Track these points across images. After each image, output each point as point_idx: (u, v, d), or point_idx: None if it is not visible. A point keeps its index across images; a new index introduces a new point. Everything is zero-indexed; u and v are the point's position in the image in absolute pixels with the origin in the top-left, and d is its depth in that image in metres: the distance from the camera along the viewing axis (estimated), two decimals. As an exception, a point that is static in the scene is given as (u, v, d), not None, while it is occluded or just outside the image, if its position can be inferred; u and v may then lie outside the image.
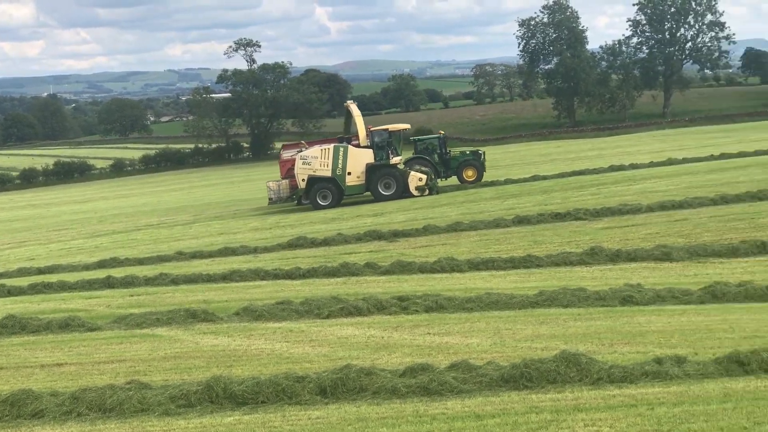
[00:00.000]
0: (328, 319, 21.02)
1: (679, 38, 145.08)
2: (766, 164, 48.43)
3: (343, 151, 53.84)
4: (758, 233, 29.00)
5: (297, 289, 26.23)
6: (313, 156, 54.00)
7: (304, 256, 33.76)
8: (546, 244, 31.41)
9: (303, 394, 13.67)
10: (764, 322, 17.25)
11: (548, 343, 16.49)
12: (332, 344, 18.11)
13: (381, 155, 54.11)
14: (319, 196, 53.92)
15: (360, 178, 53.87)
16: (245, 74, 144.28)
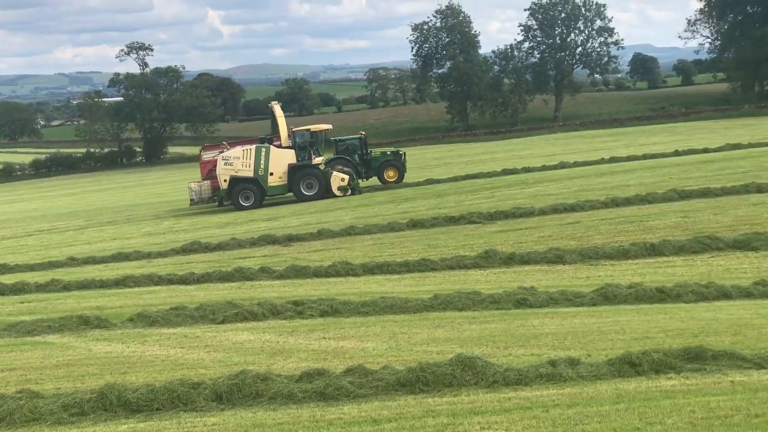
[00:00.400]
0: (223, 324, 20.89)
1: (569, 43, 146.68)
2: (655, 167, 49.20)
3: (265, 151, 53.81)
4: (648, 235, 29.47)
5: (191, 295, 26.03)
6: (235, 156, 53.88)
7: (199, 260, 33.52)
8: (440, 247, 31.57)
9: (198, 401, 13.56)
10: (654, 324, 17.52)
11: (444, 346, 16.56)
12: (227, 350, 17.99)
13: (303, 156, 54.18)
14: (242, 197, 53.79)
15: (282, 179, 53.89)
16: (138, 78, 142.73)
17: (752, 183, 37.17)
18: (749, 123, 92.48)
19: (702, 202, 35.01)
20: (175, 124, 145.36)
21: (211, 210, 54.96)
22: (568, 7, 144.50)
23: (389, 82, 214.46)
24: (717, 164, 47.24)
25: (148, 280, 29.13)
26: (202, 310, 22.05)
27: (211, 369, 16.13)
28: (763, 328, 16.23)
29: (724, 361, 13.14)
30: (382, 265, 28.52)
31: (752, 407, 10.50)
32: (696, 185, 38.85)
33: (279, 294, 24.80)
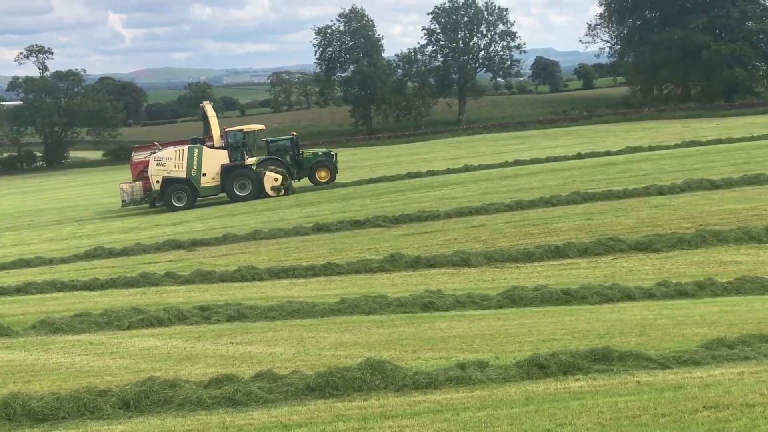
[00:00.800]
0: (129, 330, 20.63)
1: (472, 47, 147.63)
2: (558, 170, 49.69)
3: (197, 152, 53.71)
4: (552, 238, 29.76)
5: (96, 301, 25.71)
6: (167, 157, 53.67)
7: (102, 266, 33.13)
8: (346, 251, 31.58)
9: (105, 409, 13.37)
10: (561, 325, 17.68)
11: (352, 350, 16.54)
12: (134, 356, 17.77)
13: (236, 156, 54.18)
14: (174, 198, 53.62)
15: (215, 179, 53.86)
16: (37, 82, 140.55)
17: (653, 185, 37.70)
18: (649, 126, 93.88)
19: (605, 205, 35.43)
20: (76, 129, 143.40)
21: (115, 215, 54.37)
22: (470, 12, 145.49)
23: (293, 85, 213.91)
24: (619, 167, 47.84)
25: (50, 286, 28.70)
26: (107, 316, 21.76)
27: (117, 376, 15.92)
28: (666, 329, 16.46)
29: (630, 362, 13.29)
30: (288, 269, 28.48)
31: (659, 407, 10.63)
32: (599, 188, 39.32)
33: (185, 299, 24.61)
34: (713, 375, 12.34)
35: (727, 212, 31.17)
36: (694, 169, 42.67)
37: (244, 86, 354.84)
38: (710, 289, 20.96)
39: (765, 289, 20.84)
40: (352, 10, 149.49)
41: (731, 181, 36.90)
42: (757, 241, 26.72)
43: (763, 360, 13.13)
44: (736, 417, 9.99)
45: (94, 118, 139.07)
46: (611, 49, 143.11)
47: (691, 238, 27.35)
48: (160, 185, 53.62)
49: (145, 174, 55.26)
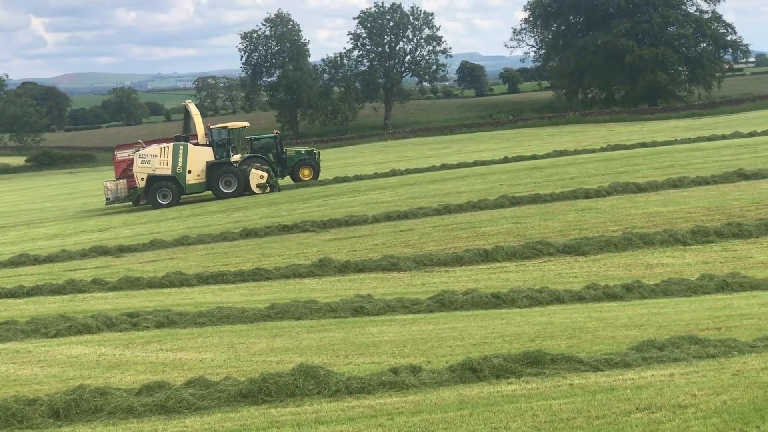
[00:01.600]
0: (56, 338, 20.38)
1: (398, 52, 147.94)
2: (486, 174, 49.89)
3: (183, 149, 53.74)
4: (480, 242, 29.86)
5: (21, 308, 25.39)
6: (152, 154, 53.77)
7: (27, 273, 32.72)
8: (274, 256, 31.48)
9: (34, 418, 13.17)
10: (491, 329, 17.73)
11: (283, 356, 16.47)
12: (62, 364, 17.54)
13: (221, 153, 54.30)
14: (159, 195, 53.81)
15: (200, 177, 54.03)
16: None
17: (580, 189, 37.98)
18: (574, 130, 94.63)
19: (532, 208, 35.62)
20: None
21: (40, 221, 53.73)
22: (396, 16, 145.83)
23: (218, 90, 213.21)
24: (545, 171, 48.13)
25: (-27, 294, 28.30)
26: (34, 324, 21.47)
27: (46, 385, 15.70)
28: (596, 331, 16.56)
29: (562, 365, 13.35)
30: (217, 275, 28.35)
31: (592, 409, 10.68)
32: (526, 191, 39.53)
33: (113, 306, 24.37)
34: (645, 377, 12.43)
35: (653, 215, 31.47)
36: (619, 173, 43.03)
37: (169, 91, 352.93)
38: (638, 292, 21.15)
39: (691, 291, 21.06)
40: (278, 15, 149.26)
41: (656, 185, 37.27)
42: (683, 243, 27.00)
43: (693, 361, 13.26)
44: (669, 418, 10.06)
45: (17, 124, 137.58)
46: (536, 53, 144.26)
47: (618, 241, 27.58)
48: (145, 182, 53.70)
49: (128, 172, 55.43)
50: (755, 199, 32.19)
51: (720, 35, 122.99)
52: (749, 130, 63.83)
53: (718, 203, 32.26)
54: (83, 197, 72.75)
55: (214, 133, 55.02)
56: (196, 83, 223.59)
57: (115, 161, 59.35)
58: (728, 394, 10.74)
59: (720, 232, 27.54)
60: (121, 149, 60.36)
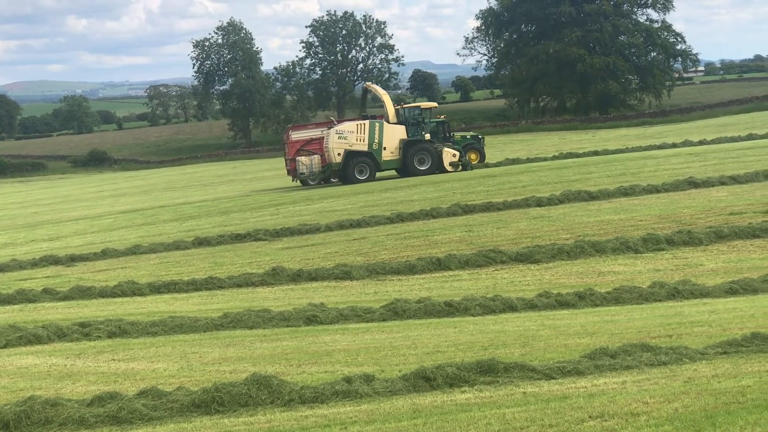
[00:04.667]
0: (6, 348, 20.15)
1: (351, 60, 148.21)
2: (439, 182, 49.97)
3: (378, 126, 55.91)
4: (433, 250, 29.88)
5: (-30, 319, 25.12)
6: (349, 131, 56.08)
7: (-24, 283, 32.39)
8: (227, 265, 31.38)
9: (-16, 430, 13.05)
10: (445, 337, 17.74)
11: (236, 365, 16.40)
12: (12, 375, 17.35)
13: (415, 131, 56.12)
14: (356, 170, 55.89)
15: (394, 153, 56.34)
16: None
17: (532, 197, 38.13)
18: (526, 138, 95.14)
19: (485, 216, 35.72)
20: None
21: (-12, 230, 53.25)
22: (349, 25, 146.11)
23: (171, 99, 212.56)
24: (498, 179, 48.29)
25: None
26: (-17, 334, 21.26)
27: (-5, 396, 15.54)
28: (549, 339, 16.61)
29: (515, 373, 13.37)
30: (169, 283, 28.21)
31: (546, 417, 10.71)
32: (478, 200, 39.63)
33: (64, 316, 24.17)
34: (597, 385, 12.48)
35: (605, 223, 31.63)
36: (571, 181, 43.26)
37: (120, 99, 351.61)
38: (590, 300, 21.23)
39: (643, 299, 21.18)
40: (230, 23, 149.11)
41: (608, 193, 37.48)
42: (634, 251, 27.15)
43: (645, 369, 13.32)
44: (622, 426, 10.11)
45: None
46: (488, 62, 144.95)
47: (570, 249, 27.69)
48: (342, 158, 55.83)
49: (301, 153, 58.04)
50: (705, 207, 32.45)
51: (670, 44, 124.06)
52: (699, 138, 64.37)
53: (669, 211, 32.49)
54: (33, 206, 72.27)
55: (407, 112, 56.90)
56: (148, 91, 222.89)
57: (289, 141, 60.58)
58: (680, 401, 10.81)
59: (671, 239, 27.72)
60: (295, 130, 62.19)
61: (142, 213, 52.76)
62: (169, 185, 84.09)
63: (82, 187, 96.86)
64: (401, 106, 58.15)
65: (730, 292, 21.22)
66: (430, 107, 59.70)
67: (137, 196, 74.03)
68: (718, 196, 34.85)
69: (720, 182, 37.39)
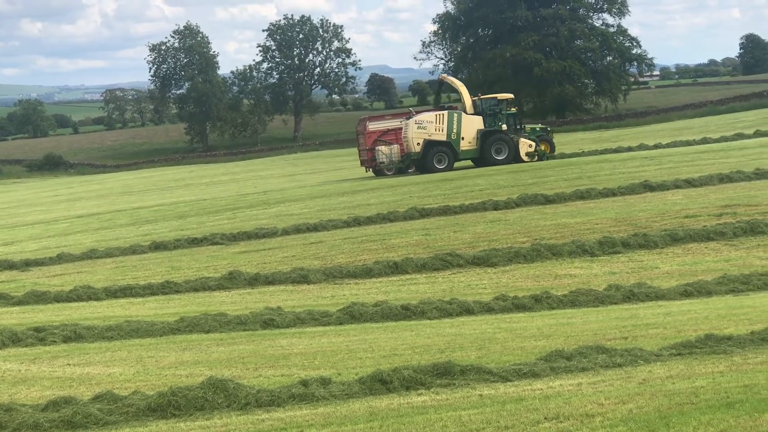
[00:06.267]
0: (-40, 353, 20.02)
1: (308, 64, 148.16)
2: (396, 186, 50.00)
3: (457, 116, 56.73)
4: (390, 254, 29.91)
5: (-76, 324, 24.87)
6: (428, 121, 56.75)
7: (-70, 288, 32.09)
8: (184, 269, 31.28)
9: (-63, 436, 12.94)
10: (401, 341, 17.76)
11: (193, 369, 16.35)
12: (-34, 381, 17.22)
13: (492, 122, 57.22)
14: (435, 160, 56.77)
15: (472, 144, 56.98)
16: None
17: (489, 200, 38.20)
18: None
19: (442, 220, 35.78)
20: None
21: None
22: (306, 29, 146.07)
23: (127, 103, 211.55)
24: (455, 182, 48.35)
25: None
26: (-63, 339, 21.07)
27: (-51, 401, 15.40)
28: (505, 342, 16.67)
29: (471, 376, 13.40)
30: (126, 288, 28.07)
31: (501, 419, 10.74)
32: (435, 203, 39.66)
33: (18, 321, 23.99)
34: (553, 387, 12.54)
35: (561, 226, 31.77)
36: (528, 184, 43.40)
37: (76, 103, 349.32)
38: (546, 302, 21.32)
39: (599, 301, 21.29)
40: (187, 27, 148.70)
41: (564, 196, 37.63)
42: (590, 254, 27.28)
43: (600, 370, 13.40)
44: (577, 427, 10.15)
45: None
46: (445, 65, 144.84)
47: (527, 252, 27.78)
48: (421, 147, 56.45)
49: (378, 143, 59.47)
50: (660, 210, 32.65)
51: (625, 49, 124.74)
52: (654, 142, 64.71)
53: (625, 214, 32.66)
54: (-12, 211, 71.66)
55: (483, 103, 57.89)
56: (104, 95, 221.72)
57: (366, 132, 61.70)
58: (634, 402, 10.87)
59: (626, 242, 27.87)
60: (372, 120, 63.51)
61: (98, 217, 52.49)
62: (125, 189, 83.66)
63: (38, 191, 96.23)
64: (478, 98, 59.10)
65: (685, 294, 21.38)
66: (506, 98, 60.56)
67: (93, 200, 73.62)
68: (673, 199, 35.07)
69: (675, 186, 37.62)
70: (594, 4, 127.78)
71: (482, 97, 59.53)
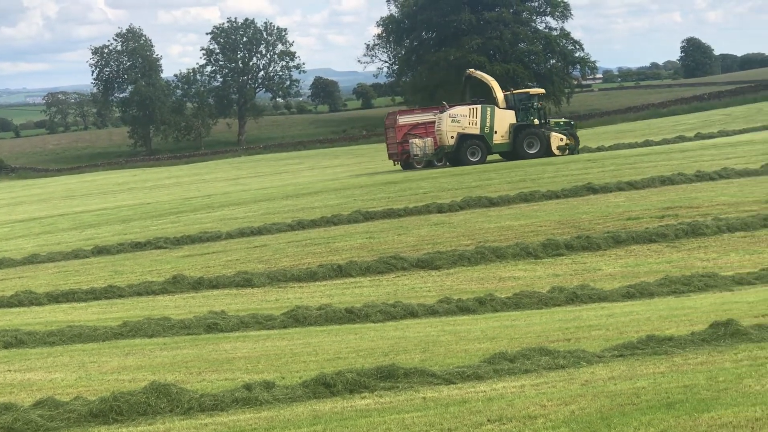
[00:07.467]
0: None
1: (252, 67, 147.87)
2: (340, 189, 50.02)
3: (490, 111, 57.64)
4: (334, 257, 29.89)
5: None
6: (462, 114, 57.79)
7: None
8: (127, 273, 31.09)
9: None
10: (345, 344, 17.74)
11: (136, 374, 16.24)
12: None
13: (524, 116, 58.30)
14: (468, 153, 57.99)
15: (504, 137, 58.00)
16: None
17: (433, 203, 38.30)
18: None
19: (386, 223, 35.80)
20: None
21: None
22: (250, 32, 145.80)
23: (69, 106, 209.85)
24: (399, 185, 48.44)
25: None
26: None
27: None
28: (449, 345, 16.68)
29: (415, 379, 13.40)
30: (68, 293, 27.84)
31: (445, 422, 10.75)
32: (379, 206, 39.71)
33: (-42, 327, 23.72)
34: (496, 389, 12.57)
35: (505, 229, 31.89)
36: (472, 187, 43.55)
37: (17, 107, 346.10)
38: (490, 305, 21.37)
39: (542, 304, 21.37)
40: (130, 30, 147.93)
41: (508, 199, 37.79)
42: (534, 257, 27.40)
43: (543, 372, 13.45)
44: (519, 429, 10.18)
45: None
46: (389, 69, 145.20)
47: (471, 254, 27.85)
48: (455, 141, 57.60)
49: (409, 136, 60.67)
50: (603, 213, 32.87)
51: (568, 52, 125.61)
52: (597, 144, 65.27)
53: (568, 217, 32.86)
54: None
55: (516, 98, 58.99)
56: (46, 98, 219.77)
57: (397, 126, 62.97)
58: (576, 403, 10.92)
59: (570, 245, 28.03)
60: (402, 114, 65.32)
61: (39, 222, 52.06)
62: (68, 193, 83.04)
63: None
64: (510, 92, 60.11)
65: (627, 296, 21.51)
66: (538, 93, 61.74)
67: (35, 204, 73.04)
68: (615, 201, 35.33)
69: (617, 188, 37.91)
70: (537, 7, 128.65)
71: (514, 91, 60.70)
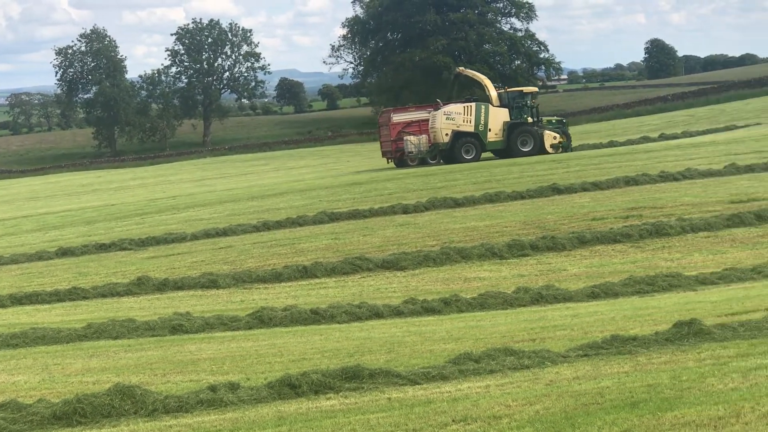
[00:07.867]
0: None
1: (217, 68, 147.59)
2: (305, 190, 49.97)
3: (484, 108, 58.11)
4: (300, 258, 29.85)
5: None
6: (456, 112, 58.63)
7: None
8: (92, 275, 30.93)
9: None
10: (311, 345, 17.74)
11: (100, 376, 16.16)
12: None
13: (518, 114, 58.65)
14: (463, 150, 58.23)
15: (498, 135, 58.33)
16: None
17: (398, 204, 38.29)
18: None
19: (351, 224, 35.78)
20: None
21: None
22: (215, 33, 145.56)
23: (33, 107, 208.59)
24: (364, 186, 48.43)
25: None
26: None
27: None
28: (414, 345, 16.70)
29: (380, 379, 13.40)
30: (31, 294, 27.65)
31: (410, 422, 10.75)
32: (345, 207, 39.69)
33: None
34: (461, 389, 12.58)
35: (470, 229, 31.93)
36: (437, 188, 43.59)
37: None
38: (456, 305, 21.40)
39: (507, 304, 21.41)
40: (94, 30, 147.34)
41: (473, 199, 37.82)
42: (499, 257, 27.45)
43: (508, 372, 13.48)
44: (484, 429, 10.20)
45: None
46: (355, 70, 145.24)
47: (437, 255, 27.86)
48: (449, 138, 57.89)
49: (403, 134, 60.40)
50: (568, 213, 32.97)
51: (533, 53, 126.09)
52: (562, 145, 65.34)
53: (533, 217, 32.94)
54: None
55: (509, 96, 59.44)
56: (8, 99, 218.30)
57: (391, 123, 62.87)
58: (541, 403, 10.95)
59: (535, 245, 28.09)
60: (396, 112, 65.17)
61: (2, 223, 51.74)
62: (31, 195, 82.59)
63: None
64: (504, 90, 60.82)
65: (592, 296, 21.60)
66: (531, 91, 62.21)
67: (-2, 206, 72.62)
68: (580, 202, 35.45)
69: (582, 188, 38.02)
70: (502, 8, 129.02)
71: (508, 89, 61.23)
